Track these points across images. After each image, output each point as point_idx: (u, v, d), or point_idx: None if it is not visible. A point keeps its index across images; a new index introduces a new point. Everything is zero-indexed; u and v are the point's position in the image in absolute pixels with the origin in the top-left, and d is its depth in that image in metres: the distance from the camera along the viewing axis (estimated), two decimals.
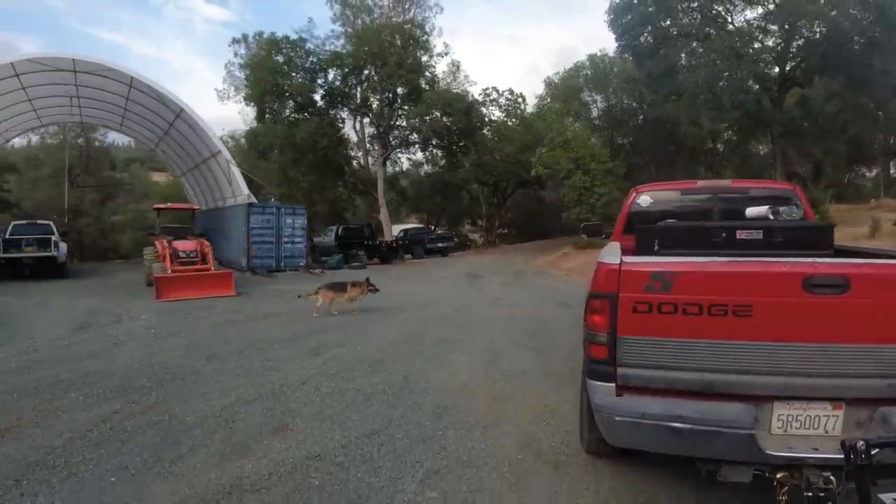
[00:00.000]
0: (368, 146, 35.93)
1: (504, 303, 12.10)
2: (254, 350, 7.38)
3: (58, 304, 12.06)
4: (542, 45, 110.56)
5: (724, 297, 2.71)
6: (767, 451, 2.58)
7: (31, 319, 10.10)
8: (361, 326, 9.12)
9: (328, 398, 5.19)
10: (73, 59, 19.88)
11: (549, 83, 39.14)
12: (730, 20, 24.01)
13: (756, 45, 23.30)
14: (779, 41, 23.44)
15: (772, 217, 4.55)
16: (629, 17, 23.58)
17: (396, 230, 33.36)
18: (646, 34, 23.67)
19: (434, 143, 32.97)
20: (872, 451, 1.75)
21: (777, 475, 2.58)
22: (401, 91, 29.23)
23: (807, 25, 21.50)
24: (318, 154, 29.41)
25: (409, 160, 41.95)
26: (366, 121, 33.66)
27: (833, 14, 19.98)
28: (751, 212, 4.76)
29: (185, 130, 22.46)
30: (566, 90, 35.86)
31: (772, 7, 22.30)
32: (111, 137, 49.95)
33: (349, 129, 34.62)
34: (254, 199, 20.00)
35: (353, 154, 36.66)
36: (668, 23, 23.38)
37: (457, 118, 29.07)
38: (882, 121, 27.49)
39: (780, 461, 2.58)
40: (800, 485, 2.48)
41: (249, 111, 43.38)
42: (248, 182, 21.73)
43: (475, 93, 35.50)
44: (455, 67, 38.46)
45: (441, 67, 33.72)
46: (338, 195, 38.35)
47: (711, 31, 22.88)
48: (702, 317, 2.72)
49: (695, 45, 22.60)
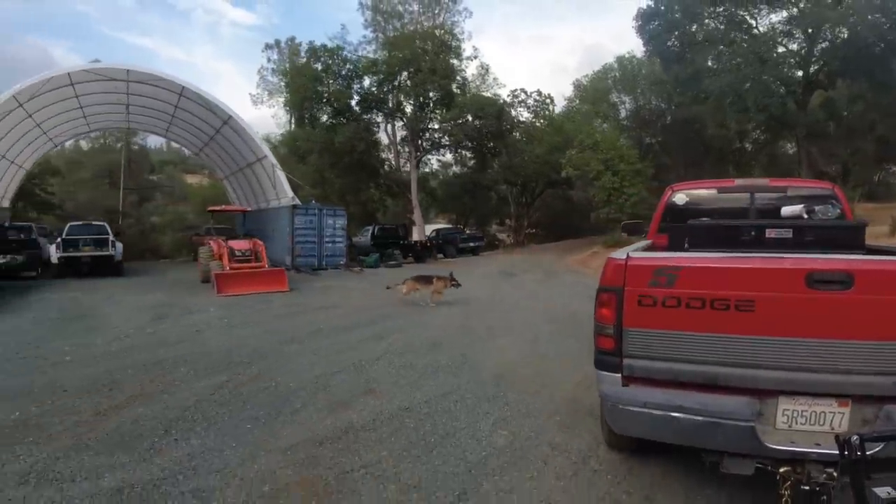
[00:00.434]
0: (400, 148, 36.95)
1: (538, 297, 12.91)
2: (322, 336, 8.37)
3: (125, 299, 13.12)
4: (569, 45, 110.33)
5: (727, 292, 2.79)
6: (768, 445, 2.65)
7: (108, 312, 11.14)
8: (414, 317, 10.06)
9: (401, 371, 6.14)
10: (128, 70, 21.16)
11: (578, 85, 39.92)
12: (754, 25, 24.46)
13: (780, 49, 23.76)
14: (802, 45, 23.84)
15: (806, 216, 4.54)
16: (656, 24, 24.22)
17: (428, 230, 34.33)
18: (672, 39, 24.24)
19: (465, 146, 33.80)
20: (866, 446, 1.76)
21: (780, 470, 2.63)
22: (433, 96, 30.13)
23: (829, 30, 21.91)
24: (353, 157, 30.55)
25: (439, 161, 42.91)
26: (398, 124, 34.70)
27: (853, 20, 20.36)
28: (786, 210, 4.77)
29: (232, 136, 23.71)
30: (595, 92, 36.46)
31: (795, 12, 22.72)
32: (147, 141, 52.18)
33: (381, 132, 35.77)
34: (298, 201, 21.10)
35: (386, 157, 37.73)
36: (695, 28, 23.97)
37: (488, 121, 29.90)
38: None
39: (781, 455, 2.64)
40: (801, 480, 2.55)
41: (282, 115, 45.05)
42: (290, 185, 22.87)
43: (504, 95, 36.21)
44: (484, 70, 39.38)
45: (470, 70, 34.51)
46: (370, 196, 39.44)
47: (737, 36, 23.39)
48: (704, 311, 2.81)
49: (721, 50, 23.12)
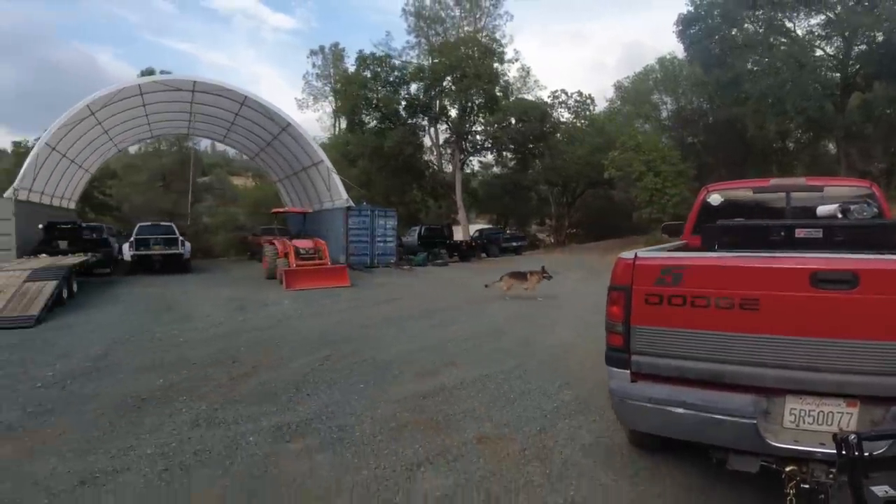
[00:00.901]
0: (442, 150, 38.03)
1: (584, 293, 13.73)
2: (394, 323, 9.45)
3: (201, 293, 14.43)
4: (607, 41, 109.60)
5: (731, 291, 2.83)
6: (770, 443, 2.68)
7: (192, 304, 12.41)
8: (471, 309, 11.05)
9: (473, 350, 7.18)
10: (195, 81, 22.75)
11: (619, 86, 40.38)
12: (792, 28, 24.76)
13: (817, 53, 24.04)
14: (839, 48, 24.07)
15: (841, 215, 4.49)
16: (696, 29, 24.73)
17: (470, 230, 35.31)
18: (713, 44, 24.68)
19: (508, 147, 34.64)
20: (870, 445, 1.73)
21: (786, 468, 2.65)
22: (477, 100, 31.08)
23: (865, 34, 22.18)
24: (400, 161, 31.75)
25: (480, 162, 43.78)
26: (442, 127, 35.78)
27: (887, 24, 20.63)
28: (822, 210, 4.74)
29: (289, 142, 25.13)
30: (636, 93, 36.87)
31: (832, 15, 23.01)
32: (198, 144, 54.28)
33: (425, 136, 36.91)
34: (352, 203, 22.36)
35: (428, 159, 38.82)
36: (734, 32, 24.40)
37: (531, 124, 30.72)
38: None
39: (784, 454, 2.67)
40: (806, 479, 2.59)
41: (326, 118, 46.77)
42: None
43: (544, 96, 36.93)
44: (525, 73, 40.10)
45: (512, 73, 35.30)
46: (413, 197, 40.59)
47: (776, 40, 23.75)
48: (709, 309, 2.87)
49: (760, 53, 23.52)
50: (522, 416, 4.61)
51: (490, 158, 41.99)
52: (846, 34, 22.95)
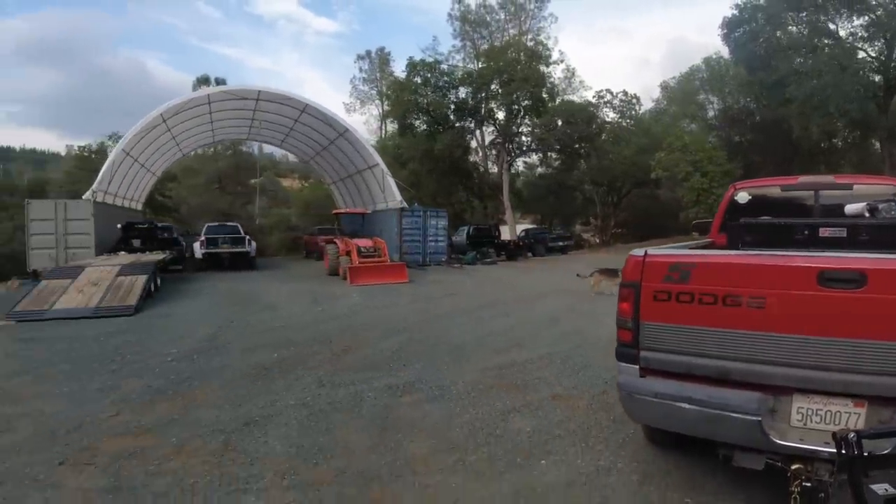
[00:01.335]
0: (488, 151, 38.83)
1: None
2: (458, 314, 10.43)
3: (273, 287, 15.63)
4: (651, 38, 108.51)
5: (738, 289, 2.87)
6: (774, 440, 2.71)
7: (269, 297, 13.60)
8: (527, 303, 11.92)
9: (535, 335, 8.12)
10: (259, 91, 24.25)
11: (665, 87, 40.52)
12: (836, 30, 24.80)
13: (860, 55, 24.04)
14: (882, 51, 24.04)
15: (868, 214, 4.42)
16: (741, 32, 25.01)
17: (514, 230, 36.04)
18: (757, 47, 24.88)
19: (554, 148, 35.21)
20: (877, 444, 1.74)
21: (791, 467, 2.66)
22: (524, 103, 31.79)
23: None
24: (448, 163, 32.77)
25: (524, 163, 44.33)
26: (488, 129, 36.60)
27: None
28: (850, 209, 4.67)
29: (345, 146, 26.46)
30: (682, 94, 36.97)
31: (874, 17, 23.00)
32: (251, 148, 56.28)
33: (472, 138, 37.76)
34: (405, 204, 23.49)
35: (474, 160, 39.68)
36: (779, 34, 24.58)
37: (578, 126, 31.31)
38: None
39: (788, 451, 2.70)
40: (810, 477, 2.60)
41: (373, 121, 48.21)
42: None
43: (589, 96, 37.29)
44: (570, 73, 40.51)
45: (556, 73, 35.78)
46: (458, 198, 41.51)
47: (819, 42, 23.86)
48: (716, 307, 2.90)
49: (804, 55, 23.67)
50: (586, 382, 5.55)
51: (535, 159, 42.55)
52: (888, 36, 22.97)
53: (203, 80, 45.80)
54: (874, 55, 24.65)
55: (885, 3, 22.86)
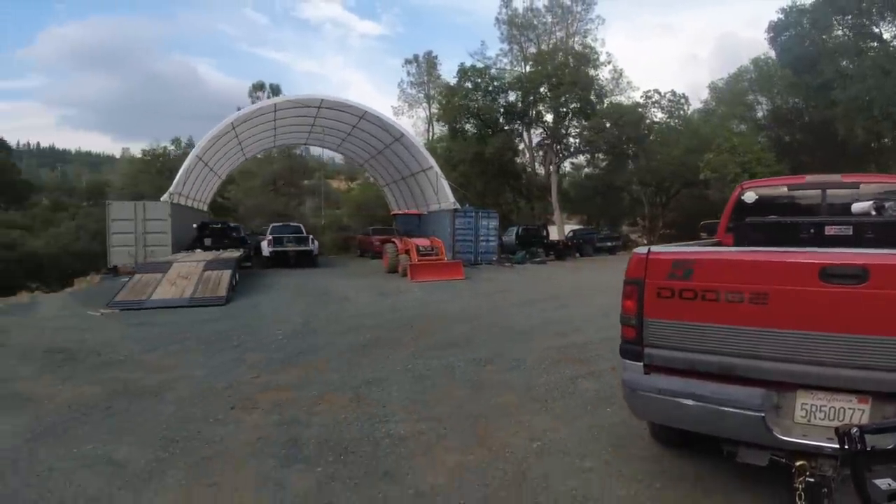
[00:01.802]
0: (535, 153, 39.50)
1: None
2: (516, 306, 11.47)
3: (340, 283, 16.80)
4: (699, 33, 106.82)
5: (741, 285, 2.89)
6: (778, 436, 2.73)
7: (339, 291, 14.81)
8: (579, 299, 12.82)
9: (590, 323, 9.10)
10: (322, 99, 25.68)
11: (714, 88, 40.44)
12: (880, 32, 24.70)
13: None
14: None
15: (874, 213, 4.46)
16: (787, 35, 25.24)
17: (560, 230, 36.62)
18: (803, 50, 25.07)
19: (602, 149, 35.71)
20: (880, 438, 1.75)
21: (796, 463, 2.65)
22: (573, 106, 32.46)
23: None
24: (496, 165, 33.73)
25: (571, 164, 44.73)
26: (536, 131, 37.36)
27: None
28: (856, 207, 4.69)
29: (400, 150, 27.76)
30: (731, 95, 36.87)
31: None
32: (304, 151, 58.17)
33: (520, 140, 38.59)
34: (458, 206, 24.59)
35: (521, 161, 40.40)
36: (824, 37, 24.71)
37: (626, 128, 31.83)
38: None
39: (791, 447, 2.72)
40: (815, 473, 2.58)
41: (420, 123, 49.48)
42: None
43: (637, 96, 37.47)
44: (618, 74, 40.78)
45: (603, 74, 36.16)
46: (505, 199, 42.28)
47: (865, 45, 23.84)
48: (719, 303, 2.93)
49: (849, 60, 23.75)
50: None
51: (582, 160, 42.89)
52: None
53: (258, 87, 47.84)
54: None
55: None
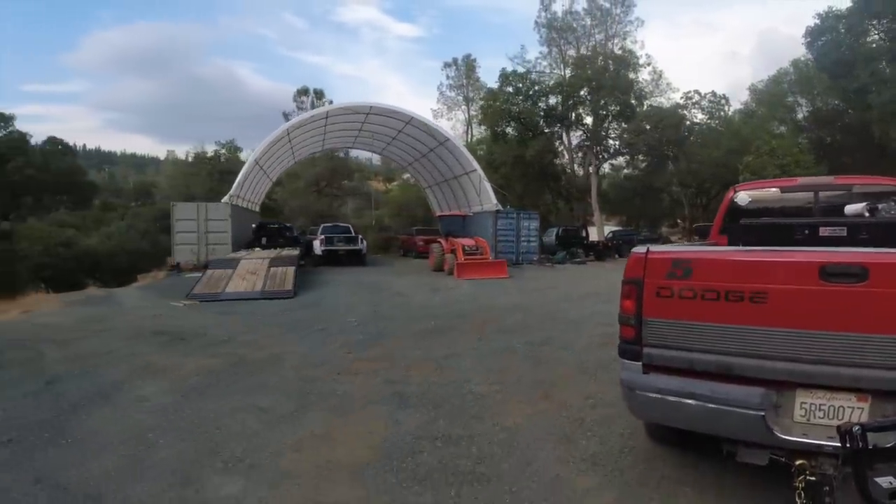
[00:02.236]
0: (574, 155, 40.12)
1: None
2: (562, 301, 12.42)
3: (391, 280, 17.93)
4: (739, 30, 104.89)
5: (741, 285, 2.89)
6: (779, 435, 2.73)
7: (393, 287, 15.95)
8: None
9: None
10: (371, 106, 26.90)
11: (754, 89, 40.50)
12: None
13: None
14: None
15: (867, 214, 4.50)
16: (824, 41, 25.59)
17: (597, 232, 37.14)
18: (839, 56, 25.32)
19: (642, 151, 36.20)
20: (871, 436, 1.77)
21: (796, 462, 2.68)
22: (612, 108, 33.09)
23: None
24: (537, 167, 34.59)
25: (611, 165, 45.08)
26: (576, 133, 38.03)
27: None
28: (849, 209, 4.73)
29: (444, 154, 28.88)
30: (770, 96, 36.90)
31: None
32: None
33: (559, 142, 39.27)
34: (500, 207, 25.58)
35: (560, 163, 41.02)
36: (860, 42, 24.93)
37: (666, 131, 32.30)
38: None
39: (792, 446, 2.73)
40: (815, 472, 2.61)
41: (459, 126, 50.56)
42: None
43: (676, 97, 37.77)
44: (657, 76, 41.02)
45: (643, 75, 36.52)
46: (544, 200, 42.92)
47: None
48: (719, 302, 2.92)
49: (885, 64, 23.91)
50: None
51: (621, 161, 43.21)
52: None
53: (303, 92, 49.45)
54: None
55: None
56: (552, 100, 34.41)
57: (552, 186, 40.61)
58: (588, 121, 35.54)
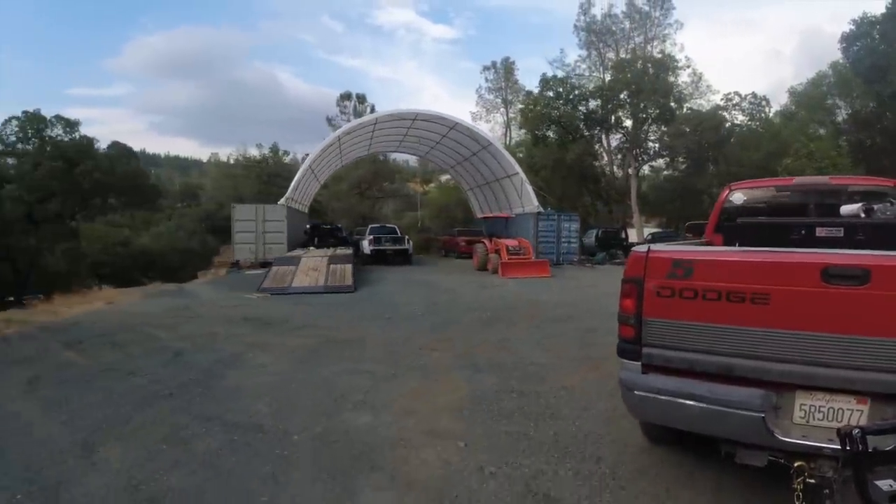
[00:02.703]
0: (613, 157, 40.56)
1: None
2: (604, 297, 13.13)
3: (438, 278, 18.97)
4: (781, 29, 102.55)
5: (742, 285, 2.90)
6: (779, 437, 2.74)
7: (441, 284, 17.04)
8: None
9: None
10: (417, 113, 28.09)
11: (793, 92, 40.42)
12: None
13: None
14: None
15: (863, 215, 4.51)
16: (858, 46, 25.86)
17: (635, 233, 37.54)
18: (875, 60, 25.53)
19: (682, 154, 36.54)
20: (870, 439, 1.76)
21: (794, 464, 2.73)
22: (652, 112, 33.51)
23: None
24: (577, 170, 35.28)
25: (650, 166, 45.17)
26: (615, 136, 38.52)
27: None
28: (845, 210, 4.74)
29: (486, 157, 29.91)
30: (809, 99, 36.83)
31: None
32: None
33: (599, 145, 39.82)
34: (542, 209, 26.52)
35: (599, 165, 41.51)
36: (894, 48, 25.09)
37: (706, 134, 32.63)
38: None
39: (791, 448, 2.75)
40: (814, 474, 2.65)
41: (498, 128, 51.41)
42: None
43: (716, 99, 37.67)
44: (697, 78, 40.95)
45: (682, 78, 36.71)
46: (583, 202, 43.39)
47: None
48: (720, 303, 2.94)
49: None
50: None
51: (661, 163, 43.33)
52: None
53: (346, 97, 51.06)
54: None
55: None
56: (592, 103, 34.96)
57: (591, 188, 41.08)
58: (627, 124, 35.91)
